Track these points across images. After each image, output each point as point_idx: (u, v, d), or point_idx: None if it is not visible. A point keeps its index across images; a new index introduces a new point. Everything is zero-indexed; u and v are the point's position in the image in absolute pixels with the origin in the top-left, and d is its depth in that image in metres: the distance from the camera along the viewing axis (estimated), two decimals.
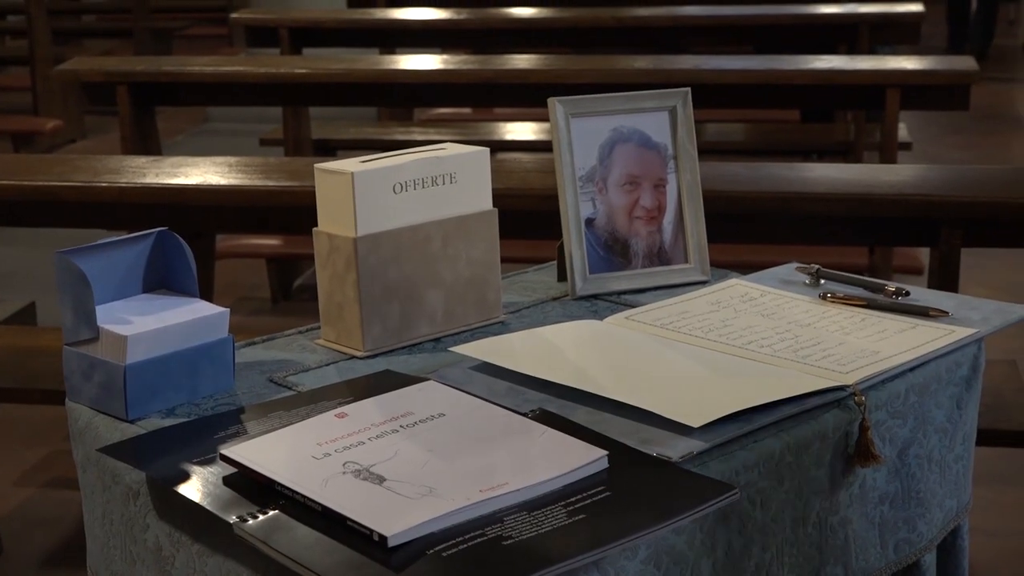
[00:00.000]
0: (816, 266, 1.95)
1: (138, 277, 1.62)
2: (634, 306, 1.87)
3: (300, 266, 5.29)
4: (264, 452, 1.34)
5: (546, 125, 1.83)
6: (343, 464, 1.31)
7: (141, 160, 3.29)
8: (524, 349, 1.67)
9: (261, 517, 1.25)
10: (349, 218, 1.69)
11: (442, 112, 6.65)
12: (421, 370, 1.64)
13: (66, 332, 1.55)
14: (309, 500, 1.25)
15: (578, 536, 1.20)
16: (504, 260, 1.88)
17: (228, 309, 1.61)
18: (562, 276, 1.99)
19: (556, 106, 1.94)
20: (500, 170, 3.00)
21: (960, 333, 1.71)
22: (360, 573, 1.15)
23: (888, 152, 4.34)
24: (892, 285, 1.88)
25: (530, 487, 1.27)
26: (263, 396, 1.57)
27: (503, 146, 5.79)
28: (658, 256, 1.98)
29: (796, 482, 1.49)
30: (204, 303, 1.60)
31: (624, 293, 1.94)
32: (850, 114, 6.01)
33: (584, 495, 1.27)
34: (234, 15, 5.93)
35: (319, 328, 1.78)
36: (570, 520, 1.23)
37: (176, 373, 1.54)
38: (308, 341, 1.77)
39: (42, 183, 3.09)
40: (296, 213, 2.98)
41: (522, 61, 4.62)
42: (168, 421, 1.50)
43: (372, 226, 1.70)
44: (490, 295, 1.83)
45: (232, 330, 1.60)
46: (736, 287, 1.93)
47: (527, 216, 2.74)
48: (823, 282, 1.94)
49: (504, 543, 1.18)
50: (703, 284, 1.97)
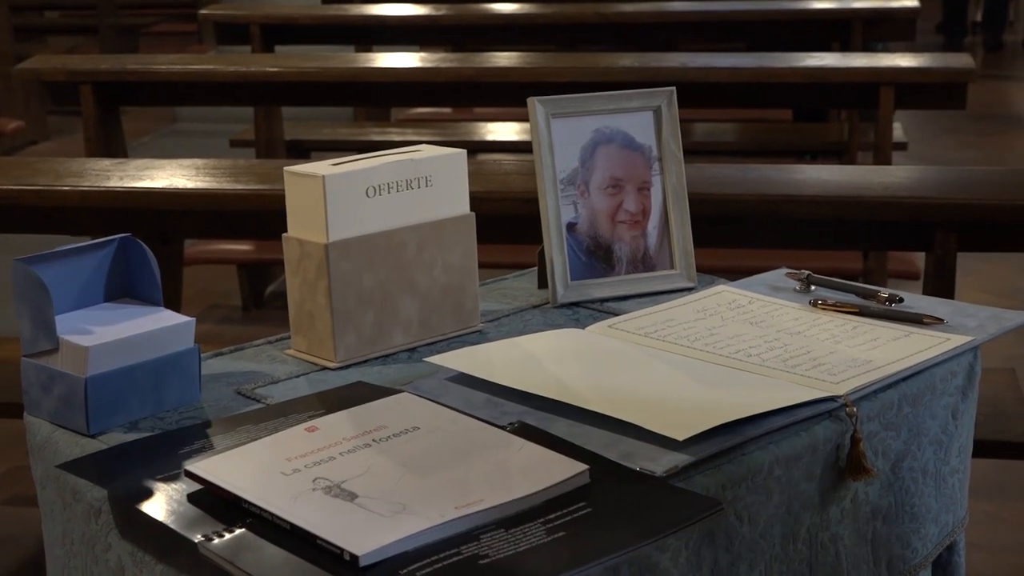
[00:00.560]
0: (807, 272, 1.96)
1: (100, 285, 1.62)
2: (617, 314, 1.87)
3: (273, 272, 5.28)
4: (231, 468, 1.33)
5: (529, 125, 1.84)
6: (313, 480, 1.31)
7: (105, 163, 3.28)
8: (503, 359, 1.67)
9: (227, 536, 1.24)
10: (320, 223, 1.69)
11: (421, 112, 6.65)
12: (395, 381, 1.64)
13: (24, 343, 1.54)
14: (277, 518, 1.25)
15: (557, 554, 1.20)
16: (482, 266, 1.88)
17: (194, 319, 1.60)
18: (543, 283, 1.99)
19: (536, 106, 1.94)
20: (479, 172, 3.00)
21: (955, 341, 1.72)
22: None
23: (882, 152, 4.35)
24: (885, 291, 1.88)
25: (508, 503, 1.27)
26: (230, 409, 1.56)
27: (484, 147, 5.79)
28: (642, 262, 1.98)
29: (785, 497, 1.49)
30: (169, 312, 1.60)
31: (607, 300, 1.94)
32: (844, 113, 6.02)
33: (564, 512, 1.27)
34: (203, 11, 5.92)
35: (289, 338, 1.77)
36: (549, 538, 1.22)
37: (139, 385, 1.53)
38: (278, 351, 1.76)
39: (1, 187, 3.07)
40: (267, 217, 2.97)
41: (503, 59, 4.62)
42: (131, 436, 1.50)
43: (344, 231, 1.70)
44: (467, 303, 1.83)
45: (202, 339, 1.60)
46: (723, 294, 1.93)
47: (506, 220, 2.74)
48: (814, 288, 1.94)
49: (480, 562, 1.18)
50: (689, 291, 1.97)
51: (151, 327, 1.56)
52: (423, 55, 4.84)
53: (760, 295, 1.92)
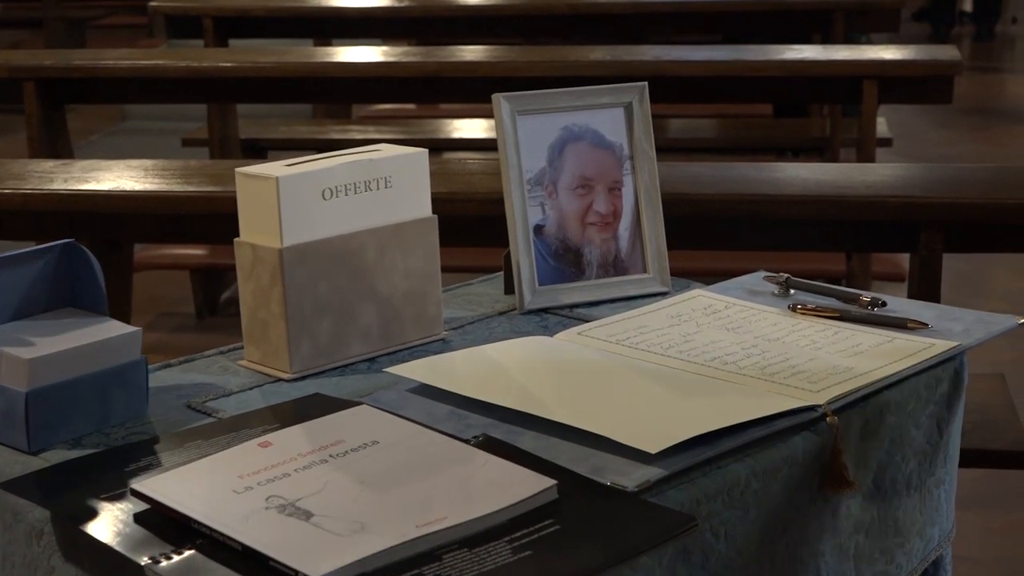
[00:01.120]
0: (785, 275, 1.96)
1: (42, 294, 1.61)
2: (587, 320, 1.87)
3: (227, 278, 5.27)
4: (180, 486, 1.33)
5: (494, 122, 1.84)
6: (266, 498, 1.30)
7: (49, 164, 3.27)
8: (467, 369, 1.67)
9: (176, 558, 1.24)
10: (274, 227, 1.68)
11: (383, 108, 6.65)
12: (354, 393, 1.63)
13: None
14: (229, 539, 1.24)
15: (524, 575, 1.20)
16: (446, 270, 1.88)
17: (140, 328, 1.59)
18: (509, 288, 1.99)
19: (501, 103, 1.94)
20: (442, 172, 3.00)
21: (940, 347, 1.72)
22: None
23: (866, 149, 4.37)
24: (867, 295, 1.89)
25: (471, 521, 1.26)
26: (180, 424, 1.56)
27: (450, 145, 5.79)
28: (613, 266, 1.99)
29: (763, 511, 1.49)
30: (115, 322, 1.59)
31: (576, 306, 1.94)
32: (825, 108, 6.04)
33: (531, 529, 1.27)
34: (153, 3, 5.90)
35: (242, 348, 1.77)
36: (515, 557, 1.22)
37: (84, 399, 1.52)
38: (230, 362, 1.76)
39: None
40: (221, 221, 2.94)
41: (469, 52, 4.62)
42: (75, 453, 1.49)
43: (299, 235, 1.69)
44: (430, 310, 1.83)
45: (153, 349, 1.60)
46: (699, 299, 1.93)
47: (471, 222, 2.74)
48: (793, 292, 1.94)
49: None
50: (663, 296, 1.97)
51: (96, 338, 1.55)
52: (385, 49, 4.84)
53: (737, 299, 1.92)
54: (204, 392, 1.66)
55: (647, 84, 2.01)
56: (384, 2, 5.84)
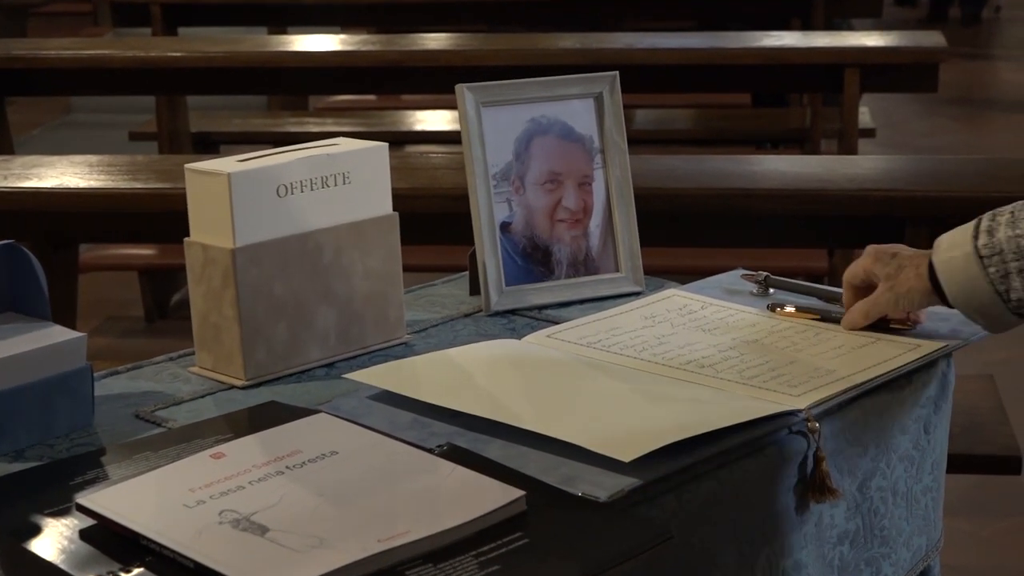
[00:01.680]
0: (764, 273, 1.96)
1: None
2: (557, 322, 1.87)
3: (178, 279, 5.25)
4: (128, 500, 1.32)
5: (458, 114, 1.84)
6: (220, 513, 1.30)
7: None
8: (430, 375, 1.67)
9: None
10: (226, 226, 1.68)
11: (341, 100, 6.64)
12: (311, 401, 1.63)
13: None
14: (180, 555, 1.23)
15: None
16: (408, 270, 1.88)
17: (85, 334, 1.59)
18: (474, 289, 1.99)
19: (465, 94, 1.94)
20: (404, 167, 2.99)
21: (926, 347, 1.73)
22: None
23: (848, 140, 4.39)
24: None
25: (436, 535, 1.26)
26: (127, 435, 1.55)
27: (412, 138, 5.79)
28: (584, 264, 1.99)
29: (742, 522, 1.49)
30: (58, 327, 1.58)
31: (545, 307, 1.94)
32: (806, 97, 6.06)
33: (499, 543, 1.27)
34: None
35: (193, 354, 1.76)
36: (482, 572, 1.22)
37: (25, 409, 1.52)
38: (180, 369, 1.75)
39: None
40: (171, 219, 2.92)
41: (432, 41, 4.62)
42: (17, 466, 1.48)
43: (253, 235, 1.69)
44: (391, 312, 1.82)
45: (101, 355, 1.59)
46: (673, 298, 1.93)
47: (435, 220, 2.74)
48: (772, 291, 1.95)
49: None
50: (636, 296, 1.97)
51: (38, 344, 1.54)
52: (343, 37, 4.83)
53: (714, 299, 1.93)
54: (153, 400, 1.65)
55: (618, 73, 2.02)
56: None
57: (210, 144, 5.50)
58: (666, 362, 1.71)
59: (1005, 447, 2.95)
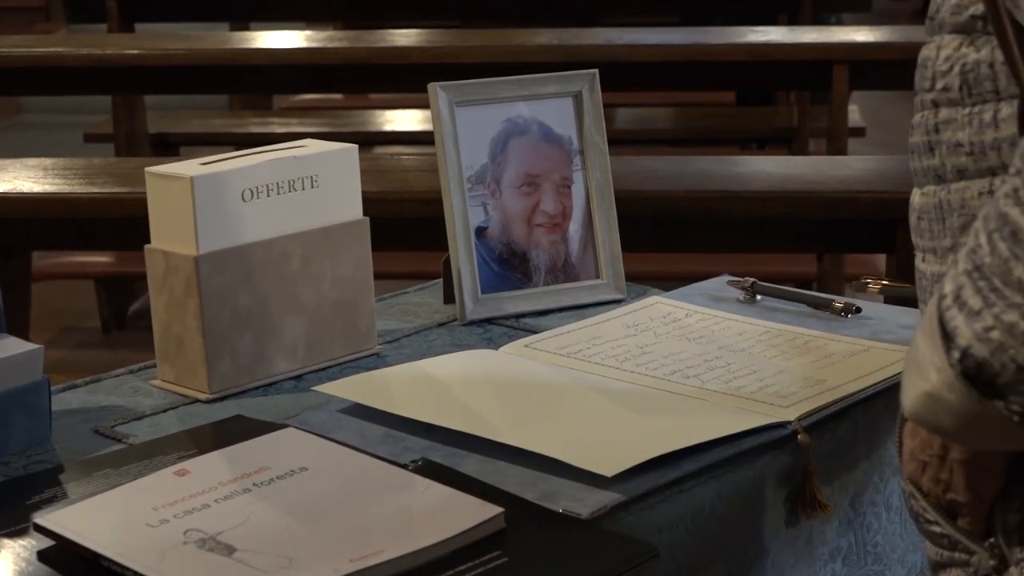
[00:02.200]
0: (751, 279, 1.97)
1: None
2: (535, 331, 1.88)
3: (136, 288, 5.24)
4: (88, 520, 1.32)
5: (430, 113, 1.85)
6: (184, 532, 1.30)
7: None
8: (403, 387, 1.67)
9: None
10: (188, 232, 1.68)
11: (307, 99, 6.63)
12: (279, 415, 1.63)
13: None
14: None
15: None
16: (379, 278, 1.88)
17: (43, 346, 1.59)
18: (449, 297, 1.99)
19: (438, 92, 1.94)
20: (374, 169, 3.00)
21: None
22: None
23: (837, 140, 4.40)
24: (840, 300, 1.90)
25: (411, 554, 1.27)
26: (87, 451, 1.55)
27: (382, 139, 5.78)
28: (563, 271, 1.99)
29: (730, 539, 1.50)
30: (12, 339, 1.58)
31: (523, 316, 1.95)
32: (793, 96, 6.08)
33: (476, 562, 1.27)
34: None
35: (155, 366, 1.76)
36: None
37: None
38: (141, 382, 1.75)
39: None
40: (129, 225, 2.93)
41: (402, 37, 4.63)
42: None
43: (217, 241, 1.69)
44: (362, 322, 1.83)
45: (56, 367, 1.59)
46: (657, 306, 1.94)
47: (407, 225, 2.74)
48: (760, 298, 1.96)
49: None
50: (617, 303, 1.98)
51: None
52: (309, 33, 4.84)
53: (698, 307, 1.93)
54: (113, 415, 1.65)
55: (598, 71, 2.02)
56: None
57: (169, 146, 5.49)
58: (649, 373, 1.71)
59: None
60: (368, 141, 5.56)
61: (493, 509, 1.34)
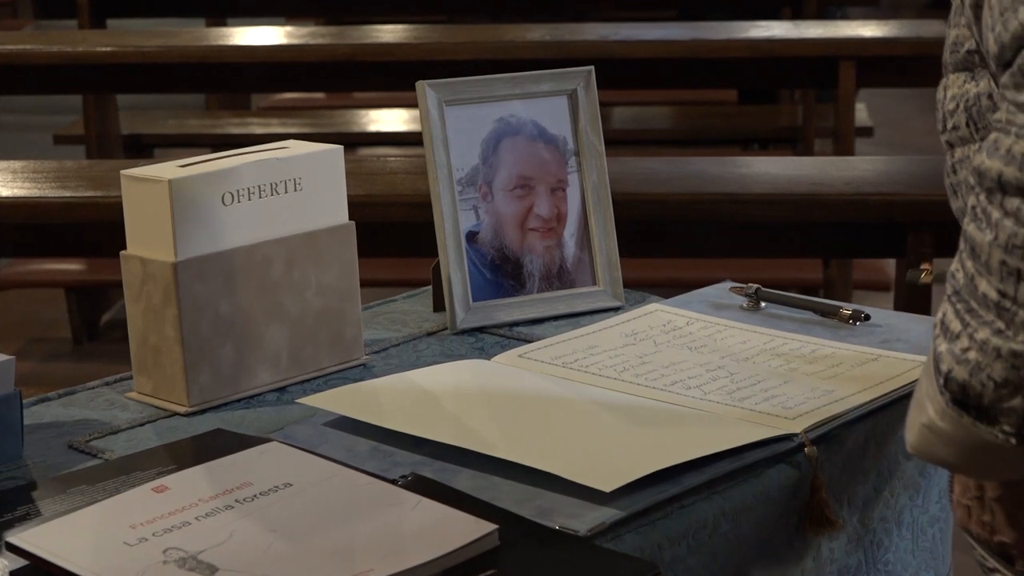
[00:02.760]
0: (755, 286, 1.98)
1: None
2: (529, 340, 1.88)
3: (110, 297, 5.24)
4: (63, 538, 1.32)
5: (418, 113, 1.85)
6: (164, 551, 1.30)
7: None
8: (392, 399, 1.67)
9: None
10: (166, 238, 1.68)
11: (288, 98, 6.63)
12: (262, 429, 1.64)
13: None
14: None
15: None
16: (366, 285, 1.89)
17: (13, 358, 1.59)
18: (439, 305, 1.99)
19: (426, 91, 1.95)
20: (360, 172, 3.00)
21: None
22: None
23: (844, 140, 4.40)
24: (848, 307, 1.91)
25: (401, 573, 1.27)
26: (61, 467, 1.55)
27: (367, 139, 5.79)
28: (558, 277, 2.00)
29: (734, 557, 1.50)
30: None
31: (516, 324, 1.95)
32: (797, 93, 6.09)
33: None
34: None
35: (131, 378, 1.76)
36: None
37: None
38: (117, 395, 1.75)
39: None
40: (102, 231, 2.95)
41: (387, 33, 4.63)
42: None
43: (196, 247, 1.69)
44: (348, 331, 1.83)
45: (26, 380, 1.59)
46: (656, 314, 1.95)
47: (394, 229, 2.74)
48: (764, 305, 1.96)
49: None
50: (615, 311, 1.98)
51: None
52: (289, 30, 4.83)
53: (700, 314, 1.94)
54: (88, 429, 1.65)
55: (593, 68, 2.03)
56: None
57: (143, 148, 5.49)
58: (649, 384, 1.72)
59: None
60: (352, 142, 5.56)
61: (487, 526, 1.34)
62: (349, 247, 1.83)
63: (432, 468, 1.50)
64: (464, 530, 1.33)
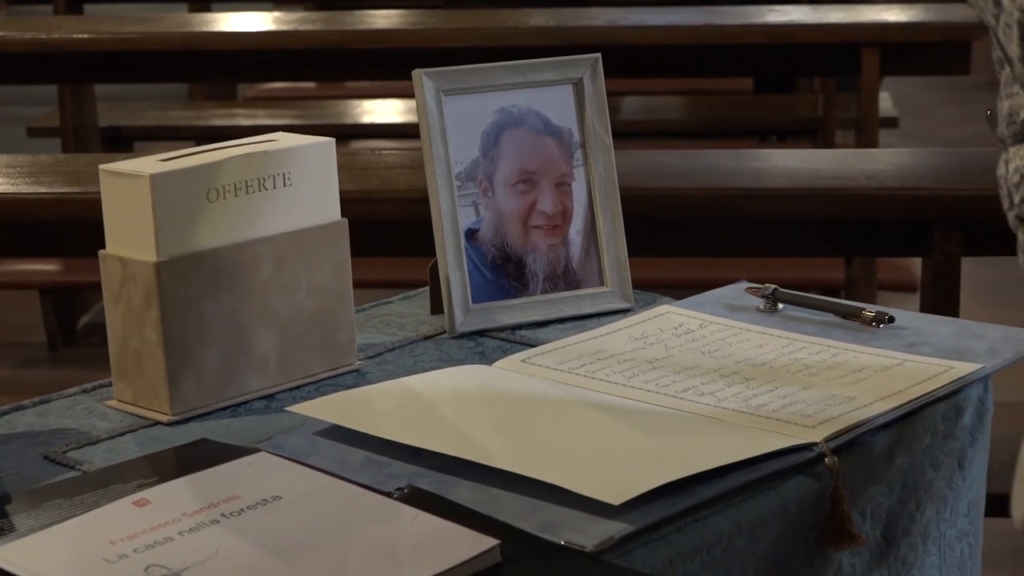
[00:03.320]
0: (772, 286, 1.98)
1: None
2: (533, 344, 1.88)
3: (87, 299, 5.25)
4: (39, 555, 1.32)
5: (414, 103, 1.85)
6: (146, 568, 1.30)
7: None
8: (387, 407, 1.67)
9: None
10: (148, 236, 1.68)
11: (275, 88, 6.64)
12: (249, 438, 1.64)
13: None
14: None
15: None
16: (359, 286, 1.89)
17: None
18: (436, 307, 2.00)
19: (424, 80, 1.95)
20: (353, 166, 3.00)
21: (960, 370, 1.74)
22: None
23: (867, 131, 4.41)
24: (871, 309, 1.91)
25: None
26: (36, 479, 1.55)
27: (360, 131, 5.80)
28: (563, 277, 2.00)
29: (750, 573, 1.50)
30: None
31: (519, 328, 1.95)
32: (817, 82, 6.09)
33: None
34: None
35: (111, 385, 1.77)
36: None
37: None
38: (96, 403, 1.76)
39: None
40: (79, 229, 2.95)
41: (381, 18, 4.63)
42: None
43: (179, 246, 1.70)
44: (340, 335, 1.83)
45: None
46: (668, 316, 1.95)
47: (389, 227, 2.75)
48: (782, 307, 1.96)
49: None
50: (624, 313, 1.99)
51: None
52: (277, 15, 4.84)
53: (714, 316, 1.94)
54: (65, 440, 1.65)
55: (600, 56, 2.03)
56: None
57: (122, 140, 5.50)
58: (660, 390, 1.72)
59: None
60: (344, 134, 5.57)
61: (488, 541, 1.34)
62: (341, 246, 1.83)
63: (430, 480, 1.50)
64: (464, 546, 1.33)
